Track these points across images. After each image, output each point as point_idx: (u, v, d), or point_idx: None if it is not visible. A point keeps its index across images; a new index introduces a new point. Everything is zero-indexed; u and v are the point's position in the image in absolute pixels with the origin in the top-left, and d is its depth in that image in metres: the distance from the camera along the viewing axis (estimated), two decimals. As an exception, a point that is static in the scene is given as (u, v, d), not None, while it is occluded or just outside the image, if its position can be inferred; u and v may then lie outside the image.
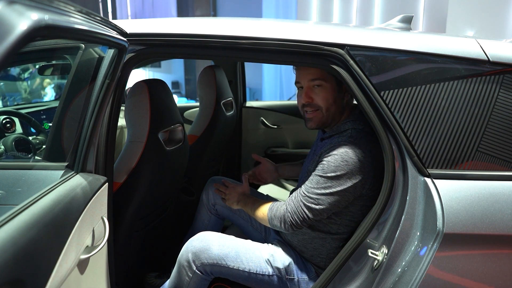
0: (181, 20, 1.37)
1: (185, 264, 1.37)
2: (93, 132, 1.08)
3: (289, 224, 1.27)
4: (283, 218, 1.28)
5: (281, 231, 1.34)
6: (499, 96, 1.02)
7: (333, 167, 1.20)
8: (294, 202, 1.27)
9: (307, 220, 1.25)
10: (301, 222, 1.26)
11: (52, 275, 0.77)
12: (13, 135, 1.87)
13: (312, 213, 1.24)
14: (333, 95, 1.31)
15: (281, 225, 1.29)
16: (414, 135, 1.03)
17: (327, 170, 1.21)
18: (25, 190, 1.05)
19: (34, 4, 0.59)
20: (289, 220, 1.27)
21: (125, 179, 1.41)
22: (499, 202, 0.98)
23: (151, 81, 1.48)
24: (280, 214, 1.29)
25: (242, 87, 2.70)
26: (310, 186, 1.25)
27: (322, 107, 1.31)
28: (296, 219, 1.25)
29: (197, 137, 2.10)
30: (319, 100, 1.31)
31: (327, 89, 1.30)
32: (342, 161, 1.20)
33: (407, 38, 1.12)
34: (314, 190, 1.23)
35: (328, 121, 1.34)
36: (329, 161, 1.22)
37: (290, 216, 1.26)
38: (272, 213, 1.32)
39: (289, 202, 1.29)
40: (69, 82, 1.41)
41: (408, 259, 0.99)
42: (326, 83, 1.29)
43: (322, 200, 1.22)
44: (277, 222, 1.30)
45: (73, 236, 0.88)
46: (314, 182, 1.24)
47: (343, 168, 1.20)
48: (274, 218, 1.31)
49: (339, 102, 1.33)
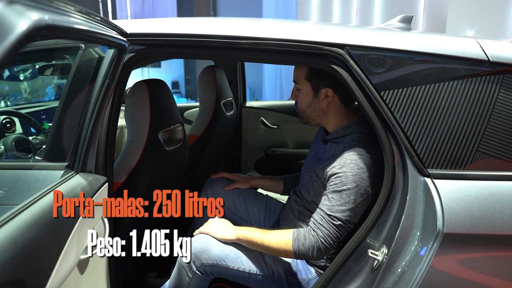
0: (181, 20, 1.37)
1: (185, 265, 1.37)
2: (93, 132, 1.07)
3: (324, 249, 1.21)
4: (316, 245, 1.21)
5: (310, 260, 1.29)
6: (499, 96, 1.02)
7: (351, 176, 1.19)
8: (323, 225, 1.21)
9: (339, 238, 1.22)
10: (334, 243, 1.22)
11: (52, 275, 0.77)
12: (13, 135, 1.87)
13: (343, 230, 1.21)
14: (308, 99, 1.34)
15: (313, 253, 1.22)
16: (414, 135, 1.03)
17: (346, 181, 1.20)
18: (25, 190, 1.05)
19: (34, 4, 0.59)
20: (323, 245, 1.21)
21: (125, 179, 1.41)
22: (499, 202, 0.98)
23: (151, 81, 1.48)
24: (311, 243, 1.22)
25: (242, 87, 2.70)
26: (333, 204, 1.21)
27: (300, 108, 1.38)
28: (330, 241, 1.21)
29: (197, 137, 2.10)
30: (299, 100, 1.37)
31: (303, 92, 1.34)
32: (359, 168, 1.20)
33: (407, 38, 1.12)
34: (339, 208, 1.20)
35: (310, 121, 1.38)
36: (346, 172, 1.20)
37: (324, 241, 1.21)
38: (300, 244, 1.23)
39: (315, 227, 1.22)
40: (69, 82, 1.41)
41: (408, 259, 0.99)
42: (301, 86, 1.34)
43: (349, 214, 1.20)
44: (308, 252, 1.22)
45: (73, 236, 0.88)
46: (336, 200, 1.21)
47: (360, 175, 1.19)
48: (303, 248, 1.23)
49: (315, 107, 1.34)
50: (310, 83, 1.31)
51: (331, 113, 1.34)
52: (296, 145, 2.68)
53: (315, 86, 1.31)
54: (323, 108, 1.33)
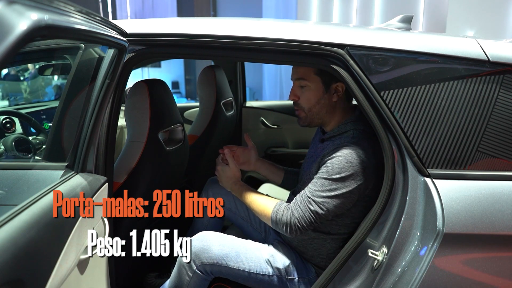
0: (181, 20, 1.37)
1: (185, 264, 1.37)
2: (93, 132, 1.07)
3: (295, 229, 1.24)
4: (289, 224, 1.25)
5: (286, 235, 1.32)
6: (499, 96, 1.02)
7: (338, 168, 1.20)
8: (300, 206, 1.24)
9: (313, 223, 1.23)
10: (307, 226, 1.24)
11: (52, 275, 0.77)
12: (13, 135, 1.87)
13: (318, 217, 1.22)
14: (317, 95, 1.31)
15: (286, 230, 1.26)
16: (414, 135, 1.03)
17: (332, 172, 1.21)
18: (25, 190, 1.05)
19: (34, 4, 0.59)
20: (296, 225, 1.24)
21: (125, 179, 1.41)
22: (499, 202, 0.98)
23: (151, 81, 1.48)
24: (285, 220, 1.26)
25: (242, 87, 2.70)
26: (315, 189, 1.23)
27: (304, 108, 1.33)
28: (303, 224, 1.23)
29: (197, 137, 2.10)
30: (302, 99, 1.33)
31: (310, 89, 1.31)
32: (347, 162, 1.20)
33: (407, 38, 1.12)
34: (319, 193, 1.22)
35: (314, 120, 1.35)
36: (333, 163, 1.21)
37: (297, 222, 1.24)
38: (278, 217, 1.28)
39: (294, 207, 1.26)
40: (69, 82, 1.41)
41: (408, 259, 0.99)
42: (310, 83, 1.31)
43: (328, 202, 1.21)
44: (282, 227, 1.27)
45: (73, 236, 0.88)
46: (318, 185, 1.23)
47: (347, 169, 1.19)
48: (278, 222, 1.28)
49: (324, 103, 1.32)
50: (321, 78, 1.29)
51: (339, 108, 1.34)
52: (296, 145, 2.68)
53: (326, 81, 1.29)
54: (332, 104, 1.33)
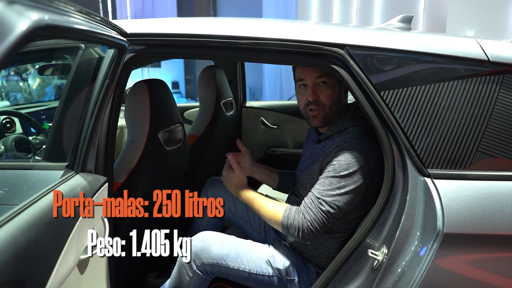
0: (181, 20, 1.37)
1: (186, 264, 1.37)
2: (93, 132, 1.08)
3: (308, 232, 1.21)
4: (302, 228, 1.22)
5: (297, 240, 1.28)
6: (499, 96, 1.02)
7: (345, 165, 1.20)
8: (311, 209, 1.22)
9: (326, 224, 1.21)
10: (320, 228, 1.22)
11: (52, 275, 0.77)
12: (13, 135, 1.87)
13: (331, 216, 1.21)
14: (335, 92, 1.31)
15: (299, 234, 1.23)
16: (414, 135, 1.03)
17: (339, 169, 1.20)
18: (25, 190, 1.05)
19: (34, 4, 0.59)
20: (309, 229, 1.21)
21: (125, 179, 1.41)
22: (499, 202, 0.98)
23: (151, 81, 1.48)
24: (297, 224, 1.23)
25: (242, 87, 2.70)
26: (323, 189, 1.22)
27: (326, 106, 1.31)
28: (316, 226, 1.21)
29: (197, 137, 2.10)
30: (324, 97, 1.31)
31: (331, 86, 1.30)
32: (353, 157, 1.20)
33: (407, 38, 1.12)
34: (329, 192, 1.21)
35: (331, 118, 1.33)
36: (339, 160, 1.21)
37: (310, 225, 1.21)
38: (289, 222, 1.24)
39: (304, 210, 1.23)
40: (69, 82, 1.41)
41: (408, 259, 0.99)
42: (330, 79, 1.30)
43: (339, 200, 1.20)
44: (294, 232, 1.24)
45: (73, 236, 0.88)
46: (327, 184, 1.21)
47: (354, 164, 1.20)
48: (290, 227, 1.24)
49: (341, 100, 1.33)
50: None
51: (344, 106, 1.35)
52: (296, 145, 2.68)
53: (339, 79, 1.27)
54: (344, 101, 1.33)
